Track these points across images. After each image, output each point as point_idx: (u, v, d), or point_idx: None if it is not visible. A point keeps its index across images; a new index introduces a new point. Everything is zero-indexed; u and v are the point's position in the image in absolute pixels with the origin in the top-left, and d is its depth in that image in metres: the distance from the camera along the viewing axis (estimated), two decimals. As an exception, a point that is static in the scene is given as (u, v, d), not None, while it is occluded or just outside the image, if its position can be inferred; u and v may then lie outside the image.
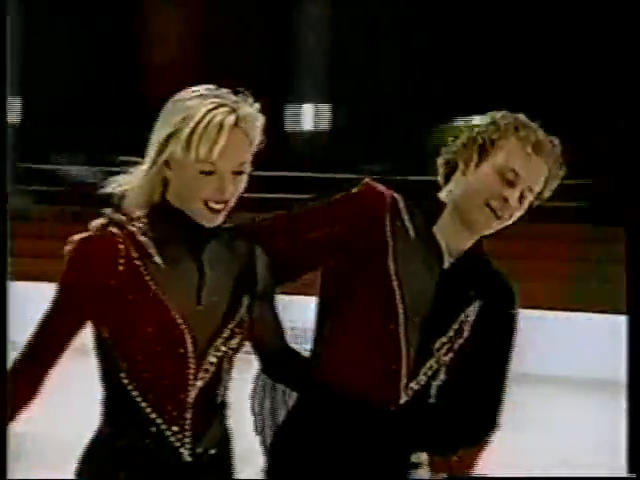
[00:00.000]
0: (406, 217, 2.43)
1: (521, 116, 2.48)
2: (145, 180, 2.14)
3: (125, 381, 2.14)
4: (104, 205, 2.20)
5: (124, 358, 2.13)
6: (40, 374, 2.15)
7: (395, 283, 2.39)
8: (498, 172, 2.39)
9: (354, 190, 2.42)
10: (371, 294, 2.40)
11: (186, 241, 2.16)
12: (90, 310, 2.14)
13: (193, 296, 2.16)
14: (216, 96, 2.12)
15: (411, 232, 2.42)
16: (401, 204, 2.44)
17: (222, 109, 2.09)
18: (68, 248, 2.13)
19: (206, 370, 2.16)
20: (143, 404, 2.14)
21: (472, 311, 2.47)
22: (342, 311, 2.42)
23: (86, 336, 2.20)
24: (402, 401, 2.41)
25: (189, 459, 2.16)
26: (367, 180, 2.44)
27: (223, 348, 2.18)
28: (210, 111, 2.08)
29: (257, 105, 2.15)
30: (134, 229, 2.14)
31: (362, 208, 2.40)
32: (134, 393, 2.14)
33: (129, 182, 2.17)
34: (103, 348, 2.17)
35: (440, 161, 2.51)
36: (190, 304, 2.15)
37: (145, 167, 2.14)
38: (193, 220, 2.14)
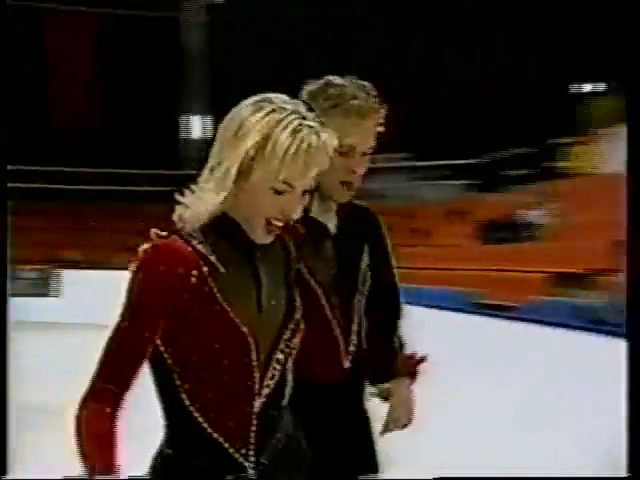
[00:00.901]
0: None
1: (334, 86, 2.54)
2: (219, 200, 2.00)
3: (186, 402, 2.01)
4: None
5: (186, 378, 2.00)
6: (121, 399, 1.95)
7: (309, 278, 2.56)
8: (338, 152, 2.39)
9: None
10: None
11: (238, 249, 2.05)
12: (161, 326, 1.97)
13: (254, 304, 2.05)
14: (294, 112, 1.99)
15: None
16: None
17: (307, 130, 1.97)
18: (137, 259, 1.96)
19: (272, 377, 2.06)
20: (204, 424, 2.01)
21: (365, 254, 2.72)
22: None
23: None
24: (346, 366, 2.65)
25: (252, 472, 2.06)
26: None
27: (286, 350, 2.09)
28: (296, 132, 1.96)
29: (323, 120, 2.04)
30: (193, 240, 2.01)
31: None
32: (196, 414, 2.01)
33: (202, 202, 2.01)
34: (162, 368, 2.01)
35: None
36: (252, 313, 2.04)
37: (224, 192, 1.98)
38: (245, 232, 2.05)
